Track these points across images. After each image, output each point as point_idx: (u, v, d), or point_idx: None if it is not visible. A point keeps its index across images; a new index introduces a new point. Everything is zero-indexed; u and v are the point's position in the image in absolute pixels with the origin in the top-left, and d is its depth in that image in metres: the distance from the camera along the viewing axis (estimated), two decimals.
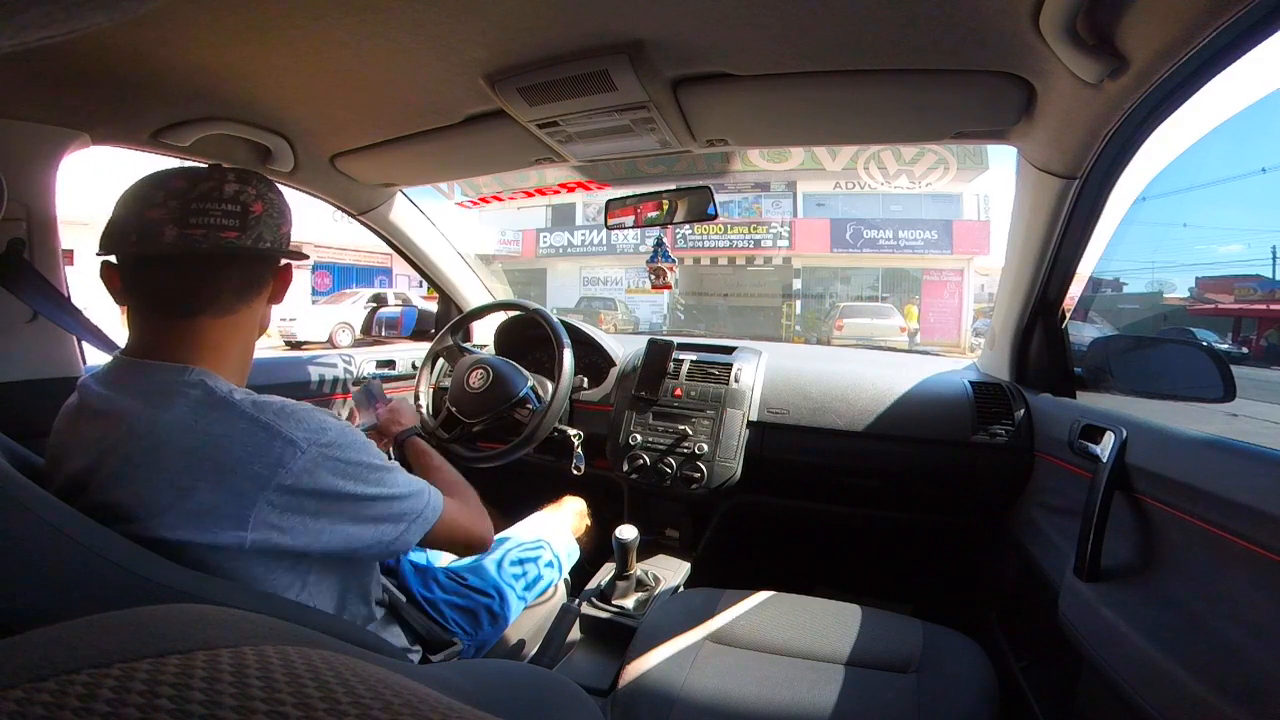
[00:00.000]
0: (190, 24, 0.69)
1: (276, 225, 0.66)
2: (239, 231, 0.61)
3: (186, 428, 0.55)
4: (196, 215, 0.59)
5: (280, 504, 0.56)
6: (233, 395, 0.58)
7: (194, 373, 0.59)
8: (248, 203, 0.62)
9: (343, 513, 0.60)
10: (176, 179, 0.61)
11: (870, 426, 1.25)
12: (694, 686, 0.82)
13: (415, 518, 0.67)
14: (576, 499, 1.38)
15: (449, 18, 0.69)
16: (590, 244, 14.79)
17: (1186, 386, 1.02)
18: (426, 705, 0.19)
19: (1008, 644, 1.12)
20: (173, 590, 0.50)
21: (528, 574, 1.08)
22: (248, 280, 0.65)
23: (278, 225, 0.66)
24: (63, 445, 0.60)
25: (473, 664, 0.81)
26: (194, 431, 0.55)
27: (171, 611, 0.24)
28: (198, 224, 0.59)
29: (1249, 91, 1.86)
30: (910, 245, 12.83)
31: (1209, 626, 0.62)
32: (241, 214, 0.62)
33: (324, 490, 0.58)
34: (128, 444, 0.55)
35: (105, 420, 0.57)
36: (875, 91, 0.84)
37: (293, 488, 0.56)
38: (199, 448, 0.54)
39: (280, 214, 0.66)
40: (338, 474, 0.59)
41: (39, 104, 0.86)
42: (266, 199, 0.65)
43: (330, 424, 0.61)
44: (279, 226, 0.66)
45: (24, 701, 0.16)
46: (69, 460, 0.58)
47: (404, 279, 14.48)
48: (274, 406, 0.58)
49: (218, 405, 0.57)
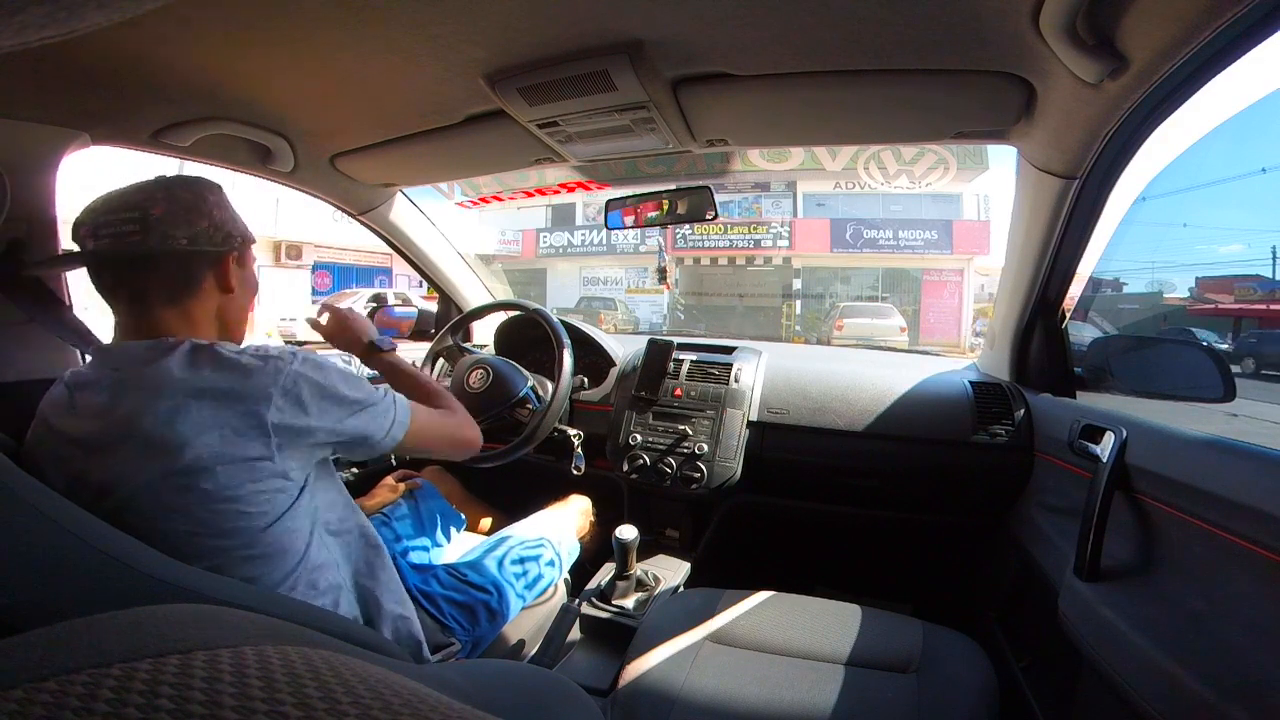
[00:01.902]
0: (190, 24, 0.69)
1: (187, 221, 0.68)
2: (140, 234, 0.66)
3: (185, 369, 0.63)
4: (105, 227, 0.66)
5: (285, 405, 0.65)
6: (217, 344, 0.66)
7: (180, 340, 0.66)
8: (148, 207, 0.66)
9: (339, 406, 0.70)
10: (99, 200, 0.68)
11: (870, 426, 1.25)
12: (694, 686, 0.82)
13: (390, 421, 0.76)
14: (582, 498, 1.38)
15: (449, 18, 0.69)
16: (590, 244, 14.78)
17: (1186, 386, 1.02)
18: (426, 705, 0.19)
19: (1008, 644, 1.12)
20: (175, 587, 0.50)
21: (528, 573, 1.08)
22: (173, 275, 0.69)
23: (189, 221, 0.69)
24: (60, 426, 0.65)
25: (473, 664, 0.81)
26: (193, 373, 0.63)
27: (171, 611, 0.24)
28: (105, 234, 0.66)
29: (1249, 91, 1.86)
30: (910, 245, 12.82)
31: (1209, 626, 0.62)
32: (140, 218, 0.66)
33: (317, 388, 0.68)
34: (138, 392, 0.61)
35: (107, 386, 0.64)
36: (875, 91, 0.84)
37: (291, 390, 0.65)
38: (202, 383, 0.62)
39: (192, 209, 0.69)
40: (321, 378, 0.69)
41: (39, 104, 0.86)
42: (173, 198, 0.68)
43: (298, 349, 0.70)
44: (193, 222, 0.69)
45: (24, 701, 0.16)
46: (73, 439, 0.63)
47: (404, 279, 14.46)
48: (250, 348, 0.68)
49: (205, 351, 0.65)
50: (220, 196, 0.74)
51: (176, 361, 0.63)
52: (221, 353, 0.65)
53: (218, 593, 0.52)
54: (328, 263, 13.92)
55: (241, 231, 0.75)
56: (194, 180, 0.73)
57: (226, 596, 0.53)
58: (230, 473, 0.61)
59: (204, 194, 0.72)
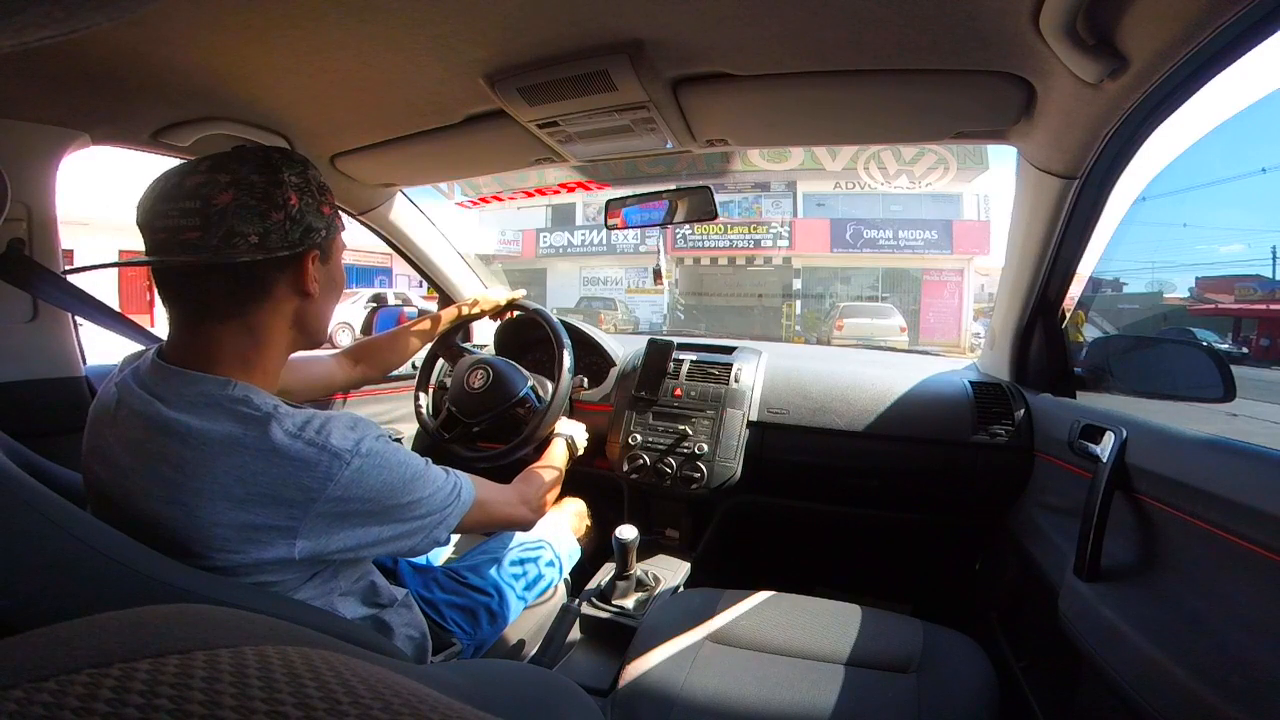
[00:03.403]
0: (190, 24, 0.69)
1: (259, 214, 0.56)
2: (200, 231, 0.54)
3: (236, 444, 0.54)
4: (160, 218, 0.55)
5: (329, 512, 0.57)
6: (277, 411, 0.57)
7: (238, 387, 0.57)
8: (210, 195, 0.54)
9: (388, 516, 0.61)
10: (157, 178, 0.57)
11: (870, 426, 1.25)
12: (694, 686, 0.82)
13: (445, 511, 0.68)
14: (576, 500, 1.38)
15: (449, 18, 0.69)
16: (590, 244, 14.78)
17: (1186, 386, 1.02)
18: (426, 705, 0.19)
19: (1008, 644, 1.12)
20: (175, 589, 0.50)
21: (528, 574, 1.08)
22: (237, 284, 0.58)
23: (262, 214, 0.56)
24: (101, 442, 0.59)
25: (473, 664, 0.81)
26: (244, 448, 0.54)
27: (171, 611, 0.24)
28: (161, 227, 0.55)
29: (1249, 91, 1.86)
30: (910, 245, 12.82)
31: (1209, 626, 0.62)
32: (202, 209, 0.54)
33: (370, 495, 0.59)
34: (181, 454, 0.54)
35: (150, 424, 0.56)
36: (875, 91, 0.84)
37: (342, 497, 0.57)
38: (250, 465, 0.54)
39: (265, 198, 0.57)
40: (381, 480, 0.60)
41: (39, 104, 0.86)
42: (242, 185, 0.56)
43: (367, 432, 0.60)
44: (266, 214, 0.56)
45: (24, 701, 0.16)
46: (108, 457, 0.58)
47: (404, 279, 14.47)
48: (316, 422, 0.58)
49: (263, 423, 0.55)
50: (304, 175, 0.61)
51: (217, 432, 0.54)
52: (274, 438, 0.54)
53: (218, 594, 0.52)
54: None
55: (327, 221, 0.63)
56: (268, 156, 0.59)
57: (227, 597, 0.53)
58: (238, 560, 0.55)
59: (281, 175, 0.58)
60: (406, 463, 0.63)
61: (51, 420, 0.93)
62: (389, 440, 0.63)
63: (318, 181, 0.63)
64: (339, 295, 0.70)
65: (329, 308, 0.69)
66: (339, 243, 0.68)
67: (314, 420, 0.58)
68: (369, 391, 1.54)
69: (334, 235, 0.66)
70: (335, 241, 0.67)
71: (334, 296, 0.69)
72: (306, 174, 0.62)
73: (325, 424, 0.58)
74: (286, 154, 0.61)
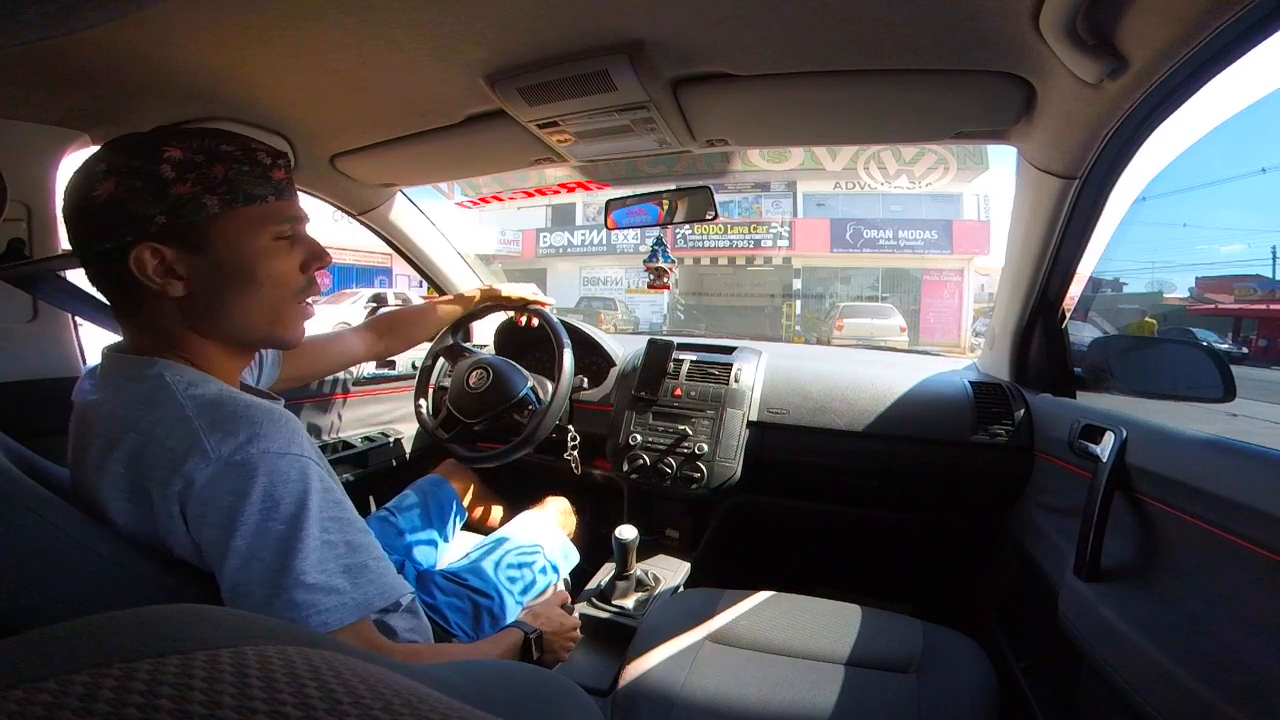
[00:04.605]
0: (190, 24, 0.69)
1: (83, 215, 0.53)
2: (71, 228, 0.54)
3: (135, 420, 0.52)
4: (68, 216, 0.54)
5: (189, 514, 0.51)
6: (188, 391, 0.53)
7: (156, 365, 0.55)
8: (89, 189, 0.52)
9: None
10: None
11: (870, 426, 1.25)
12: (694, 686, 0.82)
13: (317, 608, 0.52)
14: (559, 498, 1.37)
15: (449, 18, 0.69)
16: (590, 244, 14.78)
17: (1186, 386, 1.02)
18: (427, 705, 0.19)
19: (1008, 644, 1.12)
20: (174, 589, 0.50)
21: (524, 577, 1.08)
22: (101, 284, 0.57)
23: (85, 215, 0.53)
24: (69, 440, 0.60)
25: (473, 664, 0.81)
26: (140, 426, 0.52)
27: (171, 611, 0.24)
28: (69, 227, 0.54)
29: (1249, 91, 1.86)
30: (910, 245, 12.82)
31: (1209, 626, 0.62)
32: (66, 215, 0.54)
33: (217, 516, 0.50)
34: (98, 441, 0.54)
35: (86, 414, 0.57)
36: (875, 91, 0.84)
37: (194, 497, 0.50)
38: (143, 443, 0.51)
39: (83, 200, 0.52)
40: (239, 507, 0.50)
41: (39, 104, 0.86)
42: (123, 172, 0.51)
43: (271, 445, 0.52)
44: (87, 215, 0.52)
45: (24, 701, 0.16)
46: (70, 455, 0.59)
47: (404, 279, 14.47)
48: (221, 411, 0.52)
49: (166, 400, 0.52)
50: (150, 155, 0.52)
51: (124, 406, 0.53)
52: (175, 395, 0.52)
53: (217, 593, 0.52)
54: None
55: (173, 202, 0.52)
56: (118, 143, 0.54)
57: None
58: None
59: (97, 166, 0.52)
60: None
61: (51, 420, 0.92)
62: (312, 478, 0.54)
63: (181, 160, 0.53)
64: (250, 283, 0.57)
65: (237, 300, 0.57)
66: (231, 223, 0.55)
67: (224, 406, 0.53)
68: (369, 391, 1.55)
69: (198, 217, 0.53)
70: (214, 223, 0.55)
71: (237, 286, 0.57)
72: (156, 153, 0.52)
73: (230, 415, 0.52)
74: (137, 136, 0.54)
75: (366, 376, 1.53)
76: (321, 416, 1.43)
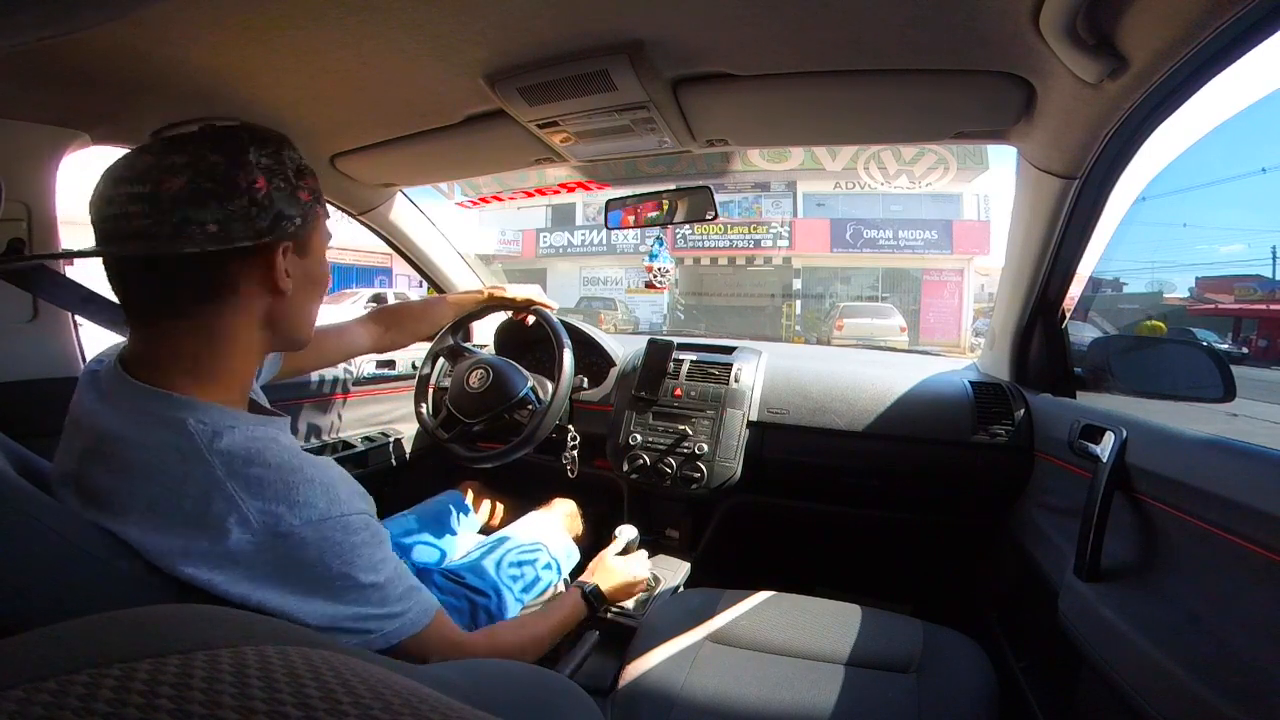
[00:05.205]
0: (190, 24, 0.69)
1: (219, 198, 0.49)
2: (149, 218, 0.48)
3: (163, 468, 0.50)
4: (108, 204, 0.49)
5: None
6: (213, 444, 0.50)
7: (178, 403, 0.51)
8: (161, 177, 0.48)
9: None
10: (111, 166, 0.51)
11: (870, 426, 1.25)
12: (694, 687, 0.82)
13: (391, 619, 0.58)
14: (566, 500, 1.37)
15: (449, 18, 0.69)
16: (590, 244, 14.78)
17: (1186, 386, 1.02)
18: (426, 705, 0.19)
19: (1008, 644, 1.12)
20: (173, 590, 0.50)
21: (525, 575, 1.08)
22: (196, 275, 0.51)
23: (222, 197, 0.49)
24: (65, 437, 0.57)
25: (473, 664, 0.81)
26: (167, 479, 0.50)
27: (171, 611, 0.24)
28: (109, 214, 0.49)
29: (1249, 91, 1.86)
30: (910, 245, 12.82)
31: (1209, 626, 0.62)
32: (151, 194, 0.48)
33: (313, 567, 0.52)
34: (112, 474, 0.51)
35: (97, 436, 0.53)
36: (875, 91, 0.84)
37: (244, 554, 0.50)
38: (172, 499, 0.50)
39: (226, 181, 0.50)
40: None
41: (39, 104, 0.86)
42: (200, 166, 0.49)
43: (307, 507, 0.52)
44: (227, 199, 0.49)
45: (24, 701, 0.16)
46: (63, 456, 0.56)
47: (404, 279, 14.48)
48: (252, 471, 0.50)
49: (193, 455, 0.50)
50: (277, 155, 0.54)
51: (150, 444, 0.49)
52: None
53: None
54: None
55: (304, 208, 0.55)
56: (233, 134, 0.52)
57: None
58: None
59: (245, 155, 0.51)
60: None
61: (51, 420, 0.92)
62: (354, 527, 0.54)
63: (295, 164, 0.56)
64: (321, 294, 0.62)
65: (308, 307, 0.61)
66: (321, 234, 0.60)
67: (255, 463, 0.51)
68: (369, 391, 1.55)
69: (313, 225, 0.58)
70: (315, 233, 0.59)
71: (314, 295, 0.61)
72: (281, 154, 0.54)
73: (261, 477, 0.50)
74: (256, 131, 0.55)
75: (366, 376, 1.53)
76: (321, 416, 1.43)
